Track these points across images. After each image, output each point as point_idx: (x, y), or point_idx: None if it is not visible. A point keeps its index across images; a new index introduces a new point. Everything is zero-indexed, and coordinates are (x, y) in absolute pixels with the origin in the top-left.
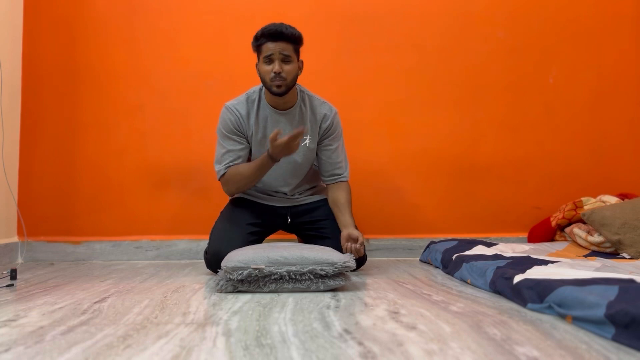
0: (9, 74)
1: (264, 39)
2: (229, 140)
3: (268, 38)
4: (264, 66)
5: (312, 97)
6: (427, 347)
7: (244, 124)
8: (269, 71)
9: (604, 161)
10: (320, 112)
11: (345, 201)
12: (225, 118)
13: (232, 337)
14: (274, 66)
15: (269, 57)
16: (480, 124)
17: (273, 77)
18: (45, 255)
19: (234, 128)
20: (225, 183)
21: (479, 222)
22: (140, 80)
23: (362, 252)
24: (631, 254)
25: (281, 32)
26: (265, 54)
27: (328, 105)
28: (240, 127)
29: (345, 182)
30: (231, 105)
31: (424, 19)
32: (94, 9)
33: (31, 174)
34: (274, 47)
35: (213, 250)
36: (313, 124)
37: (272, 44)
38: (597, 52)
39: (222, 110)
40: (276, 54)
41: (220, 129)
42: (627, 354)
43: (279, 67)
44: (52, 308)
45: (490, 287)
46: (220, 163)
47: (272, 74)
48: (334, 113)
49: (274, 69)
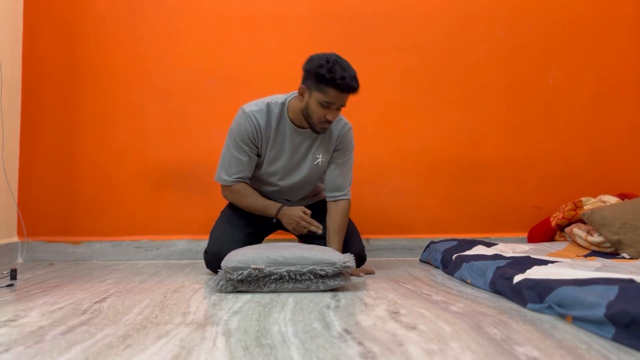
0: (9, 74)
1: (333, 85)
2: (240, 150)
3: (339, 88)
4: (319, 108)
5: None
6: (427, 347)
7: (260, 135)
8: (322, 116)
9: (604, 161)
10: (337, 129)
11: (338, 229)
12: (242, 125)
13: (232, 337)
14: (329, 114)
15: (328, 103)
16: (480, 124)
17: (323, 122)
18: (45, 255)
19: (248, 138)
20: (225, 190)
21: (479, 222)
22: (140, 80)
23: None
24: (631, 254)
25: (354, 87)
26: (327, 100)
27: (344, 120)
28: (256, 139)
29: (345, 201)
30: (251, 113)
31: (424, 19)
32: (94, 9)
33: (31, 174)
34: (340, 100)
35: (213, 250)
36: (330, 141)
37: (340, 96)
38: (597, 52)
39: (240, 114)
40: (337, 104)
41: (234, 135)
42: (627, 354)
43: (333, 115)
44: (52, 308)
45: (490, 287)
46: (226, 171)
47: (324, 119)
48: (348, 129)
49: (328, 116)
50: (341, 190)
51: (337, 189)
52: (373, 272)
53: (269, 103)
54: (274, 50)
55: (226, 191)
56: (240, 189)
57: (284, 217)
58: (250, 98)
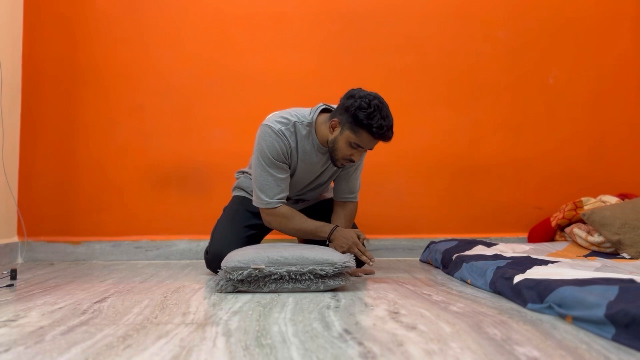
0: (9, 74)
1: (369, 131)
2: (276, 168)
3: (374, 136)
4: (348, 147)
5: None
6: (427, 347)
7: (290, 153)
8: (348, 155)
9: (604, 161)
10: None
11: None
12: (274, 143)
13: (232, 337)
14: (355, 154)
15: (358, 145)
16: (480, 124)
17: (347, 161)
18: (45, 255)
19: (283, 156)
20: (268, 216)
21: (479, 222)
22: (140, 80)
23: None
24: (631, 254)
25: (388, 137)
26: (358, 143)
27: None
28: (287, 156)
29: (354, 203)
30: (280, 132)
31: (424, 19)
32: (94, 9)
33: (31, 174)
34: (370, 145)
35: (214, 251)
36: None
37: (372, 142)
38: (597, 52)
39: (268, 131)
40: (366, 148)
41: (267, 154)
42: (627, 354)
43: (359, 158)
44: (52, 308)
45: (490, 287)
46: (267, 193)
47: (349, 158)
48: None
49: (354, 156)
50: (352, 192)
51: (348, 192)
52: (373, 272)
53: (295, 123)
54: (275, 50)
55: (269, 216)
56: (286, 212)
57: (338, 239)
58: (250, 98)
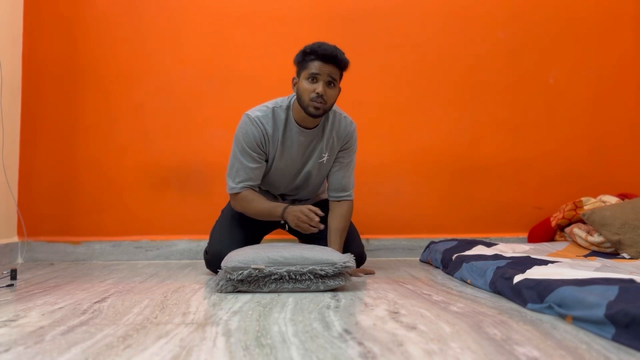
0: (9, 74)
1: (313, 56)
2: (247, 156)
3: (319, 58)
4: (307, 84)
5: (334, 112)
6: (427, 347)
7: (267, 141)
8: (311, 90)
9: (604, 161)
10: (344, 129)
11: (341, 229)
12: (248, 131)
13: (232, 337)
14: (318, 87)
15: (314, 76)
16: (480, 124)
17: (314, 97)
18: (45, 256)
19: (256, 144)
20: (234, 199)
21: (479, 222)
22: (140, 80)
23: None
24: (631, 254)
25: (335, 56)
26: (312, 71)
27: (349, 119)
28: (263, 144)
29: (349, 202)
30: (256, 118)
31: (424, 19)
32: (94, 9)
33: (31, 174)
34: (323, 69)
35: (213, 251)
36: (336, 141)
37: (322, 65)
38: (597, 52)
39: (245, 119)
40: (324, 75)
41: (241, 141)
42: (627, 354)
43: (323, 89)
44: (52, 308)
45: (490, 287)
46: (234, 179)
47: (314, 94)
48: (353, 128)
49: (317, 89)
50: (346, 190)
51: (342, 190)
52: (373, 272)
53: (274, 108)
54: (274, 50)
55: (234, 200)
56: (246, 195)
57: (289, 215)
58: (250, 97)
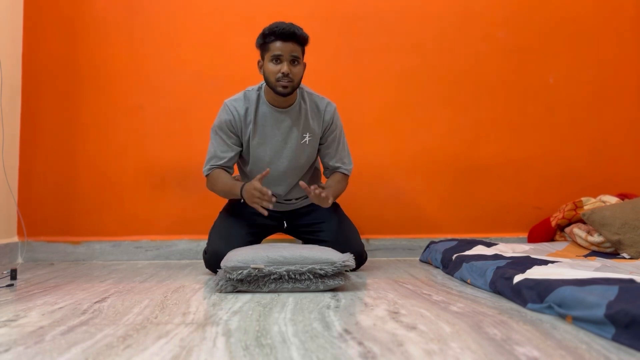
0: (9, 74)
1: (273, 37)
2: (219, 139)
3: (278, 37)
4: (271, 65)
5: (311, 94)
6: (427, 347)
7: (240, 124)
8: (277, 71)
9: (604, 161)
10: (321, 109)
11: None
12: (220, 116)
13: (232, 337)
14: (282, 67)
15: (277, 57)
16: (480, 124)
17: (280, 78)
18: (45, 255)
19: (227, 127)
20: (207, 181)
21: (479, 222)
22: (140, 80)
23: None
24: (631, 254)
25: (293, 32)
26: (274, 53)
27: (327, 100)
28: (235, 128)
29: (340, 174)
30: (229, 104)
31: (424, 19)
32: (94, 9)
33: (31, 174)
34: (284, 48)
35: (212, 250)
36: (314, 121)
37: (282, 44)
38: (597, 52)
39: (221, 107)
40: (286, 54)
41: (214, 126)
42: (627, 354)
43: (288, 68)
44: (52, 308)
45: (490, 287)
46: (208, 163)
47: (279, 74)
48: (333, 108)
49: (282, 69)
50: (340, 161)
51: (335, 160)
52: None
53: (246, 92)
54: None
55: (207, 183)
56: (213, 174)
57: (245, 193)
58: None
